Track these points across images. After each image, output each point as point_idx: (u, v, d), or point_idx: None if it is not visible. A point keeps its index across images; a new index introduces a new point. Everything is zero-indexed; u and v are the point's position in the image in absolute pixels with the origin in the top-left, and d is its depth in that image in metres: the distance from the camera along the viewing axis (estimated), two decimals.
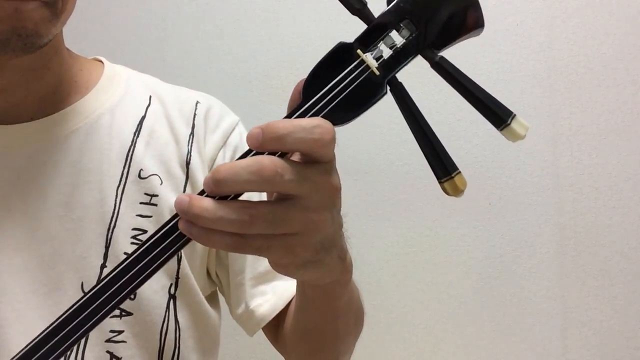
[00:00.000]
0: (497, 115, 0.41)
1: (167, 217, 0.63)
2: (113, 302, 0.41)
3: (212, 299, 0.72)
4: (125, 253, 0.61)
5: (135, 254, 0.41)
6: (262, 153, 0.39)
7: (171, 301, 0.64)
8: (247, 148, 0.75)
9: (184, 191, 0.66)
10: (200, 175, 0.67)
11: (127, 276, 0.41)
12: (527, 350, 1.25)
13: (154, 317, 0.63)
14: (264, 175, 0.37)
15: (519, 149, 1.24)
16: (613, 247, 1.23)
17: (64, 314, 0.42)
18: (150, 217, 0.63)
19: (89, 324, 0.41)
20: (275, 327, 0.70)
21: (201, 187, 0.65)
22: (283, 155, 0.40)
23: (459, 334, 1.27)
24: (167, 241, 0.41)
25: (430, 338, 1.28)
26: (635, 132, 1.22)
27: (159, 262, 0.41)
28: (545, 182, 1.24)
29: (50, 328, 0.42)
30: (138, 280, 0.41)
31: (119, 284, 0.41)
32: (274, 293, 0.68)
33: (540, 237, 1.25)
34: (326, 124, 0.39)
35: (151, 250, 0.41)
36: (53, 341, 0.41)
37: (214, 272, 0.71)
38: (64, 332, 0.41)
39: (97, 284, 0.42)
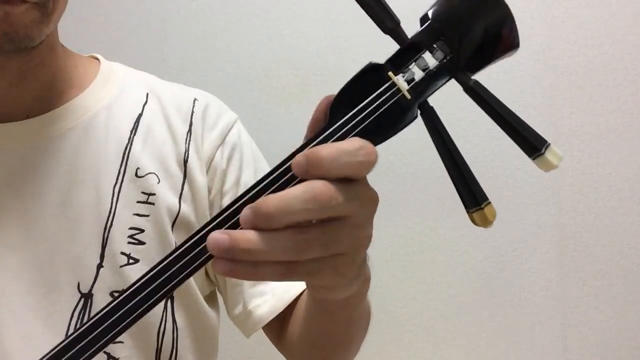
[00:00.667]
0: (531, 144, 0.39)
1: (164, 216, 0.63)
2: (118, 329, 0.39)
3: (211, 299, 0.71)
4: (122, 253, 0.61)
5: (146, 278, 0.39)
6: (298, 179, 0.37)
7: (168, 301, 0.64)
8: (245, 147, 0.75)
9: (182, 190, 0.65)
10: (198, 173, 0.66)
11: (137, 299, 0.39)
12: (527, 350, 1.25)
13: (151, 318, 0.62)
14: (321, 201, 0.36)
15: (519, 149, 1.24)
16: (613, 247, 1.23)
17: (92, 317, 0.40)
18: (147, 216, 0.62)
19: (112, 333, 0.39)
20: (277, 329, 0.69)
21: (199, 186, 0.65)
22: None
23: (459, 334, 1.27)
24: (188, 269, 0.38)
25: (430, 338, 1.27)
26: (635, 132, 1.22)
27: (169, 286, 0.39)
28: (545, 182, 1.24)
29: (75, 334, 0.40)
30: (147, 305, 0.39)
31: (129, 306, 0.39)
32: (273, 294, 0.68)
33: (540, 237, 1.25)
34: (369, 145, 0.37)
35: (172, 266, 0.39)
36: (79, 345, 0.39)
37: (213, 271, 0.70)
38: (91, 336, 0.39)
39: (126, 289, 0.40)
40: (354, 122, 0.39)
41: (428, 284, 1.27)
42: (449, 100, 1.22)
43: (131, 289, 0.39)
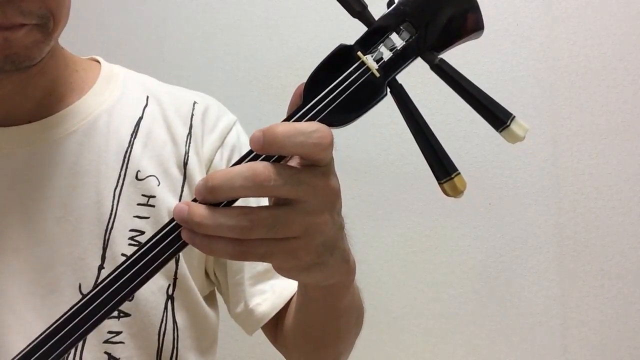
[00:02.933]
0: (497, 116, 0.41)
1: (165, 218, 0.63)
2: (111, 305, 0.41)
3: (210, 299, 0.72)
4: (123, 254, 0.61)
5: (133, 257, 0.41)
6: (262, 156, 0.40)
7: (169, 302, 0.64)
8: (244, 148, 0.75)
9: (182, 192, 0.65)
10: (198, 175, 0.66)
11: (125, 279, 0.41)
12: (527, 350, 1.25)
13: (152, 318, 0.63)
14: (258, 181, 0.38)
15: (519, 148, 1.24)
16: (613, 247, 1.23)
17: (62, 316, 0.42)
18: (148, 218, 0.63)
19: (86, 326, 0.41)
20: (274, 326, 0.70)
21: None
22: (282, 158, 0.40)
23: (459, 334, 1.27)
24: (165, 244, 0.41)
25: (430, 338, 1.28)
26: (635, 132, 1.22)
27: (155, 265, 0.41)
28: (545, 182, 1.24)
29: (48, 330, 0.42)
30: (135, 283, 0.41)
31: (116, 286, 0.41)
32: (273, 292, 0.68)
33: (540, 237, 1.25)
34: (324, 128, 0.39)
35: (148, 253, 0.41)
36: (51, 343, 0.41)
37: (212, 271, 0.70)
38: (62, 333, 0.41)
39: (95, 286, 0.42)
40: (326, 100, 0.41)
41: (428, 284, 1.27)
42: (449, 100, 1.23)
43: (117, 271, 0.42)
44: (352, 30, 0.44)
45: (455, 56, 0.44)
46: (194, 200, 0.40)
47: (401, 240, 1.28)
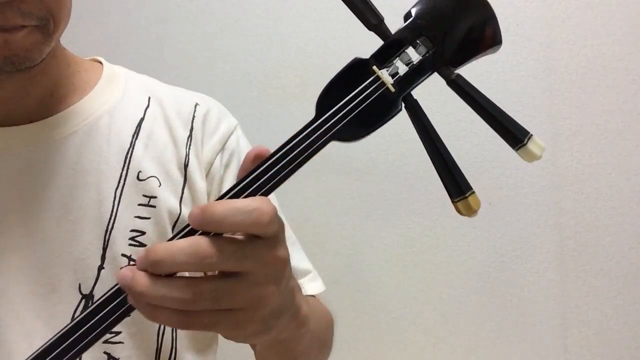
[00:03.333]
0: (514, 135, 0.40)
1: (166, 219, 0.63)
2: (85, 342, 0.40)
3: None
4: (123, 255, 0.61)
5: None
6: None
7: None
8: (243, 153, 0.75)
9: (182, 194, 0.65)
10: (198, 178, 0.66)
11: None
12: (527, 350, 1.25)
13: None
14: (201, 257, 0.38)
15: None
16: (613, 247, 1.23)
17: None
18: (149, 218, 0.63)
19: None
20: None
21: (199, 190, 0.66)
22: None
23: (459, 334, 1.27)
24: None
25: (430, 338, 1.28)
26: (635, 132, 1.22)
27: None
28: (545, 182, 1.24)
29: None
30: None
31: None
32: None
33: (540, 237, 1.25)
34: (264, 205, 0.39)
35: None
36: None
37: None
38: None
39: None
40: (340, 114, 0.41)
41: (428, 284, 1.27)
42: (449, 100, 1.23)
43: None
44: (352, 30, 0.44)
45: None
46: None
47: (401, 240, 1.28)
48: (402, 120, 0.43)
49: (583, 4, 1.23)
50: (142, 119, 0.67)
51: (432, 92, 1.26)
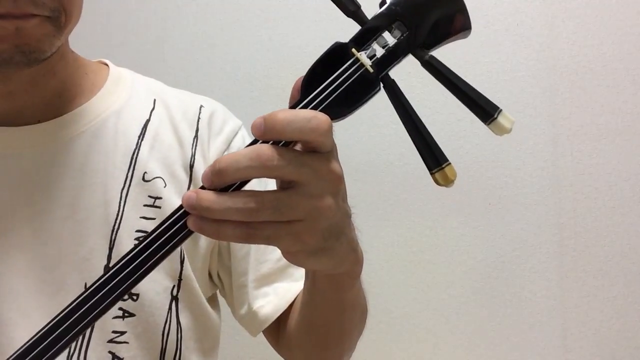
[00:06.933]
0: (484, 109, 0.43)
1: None
2: (116, 294, 0.42)
3: (213, 301, 0.73)
4: None
5: (138, 247, 0.43)
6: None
7: (173, 302, 0.65)
8: None
9: None
10: None
11: (130, 268, 0.42)
12: (527, 350, 1.25)
13: (157, 318, 0.63)
14: (262, 161, 0.39)
15: (519, 148, 1.24)
16: (613, 247, 1.23)
17: (69, 305, 0.43)
18: (154, 219, 0.63)
19: (92, 315, 0.43)
20: (276, 329, 0.71)
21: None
22: (286, 145, 0.42)
23: (459, 334, 1.27)
24: (169, 234, 0.42)
25: (430, 338, 1.28)
26: (635, 132, 1.22)
27: (160, 254, 0.42)
28: (545, 182, 1.24)
29: (53, 322, 0.43)
30: (140, 272, 0.43)
31: (122, 275, 0.42)
32: (276, 294, 0.69)
33: (540, 237, 1.25)
34: (322, 115, 0.41)
35: (153, 243, 0.43)
36: (55, 333, 0.43)
37: (216, 273, 0.71)
38: (66, 324, 0.43)
39: (101, 276, 0.43)
40: (323, 95, 0.43)
41: (428, 284, 1.27)
42: (449, 100, 1.23)
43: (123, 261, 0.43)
44: (352, 31, 0.45)
45: (455, 56, 0.44)
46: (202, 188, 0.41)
47: (401, 240, 1.28)
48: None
49: (583, 4, 1.23)
50: (148, 121, 0.68)
51: (432, 92, 1.27)
